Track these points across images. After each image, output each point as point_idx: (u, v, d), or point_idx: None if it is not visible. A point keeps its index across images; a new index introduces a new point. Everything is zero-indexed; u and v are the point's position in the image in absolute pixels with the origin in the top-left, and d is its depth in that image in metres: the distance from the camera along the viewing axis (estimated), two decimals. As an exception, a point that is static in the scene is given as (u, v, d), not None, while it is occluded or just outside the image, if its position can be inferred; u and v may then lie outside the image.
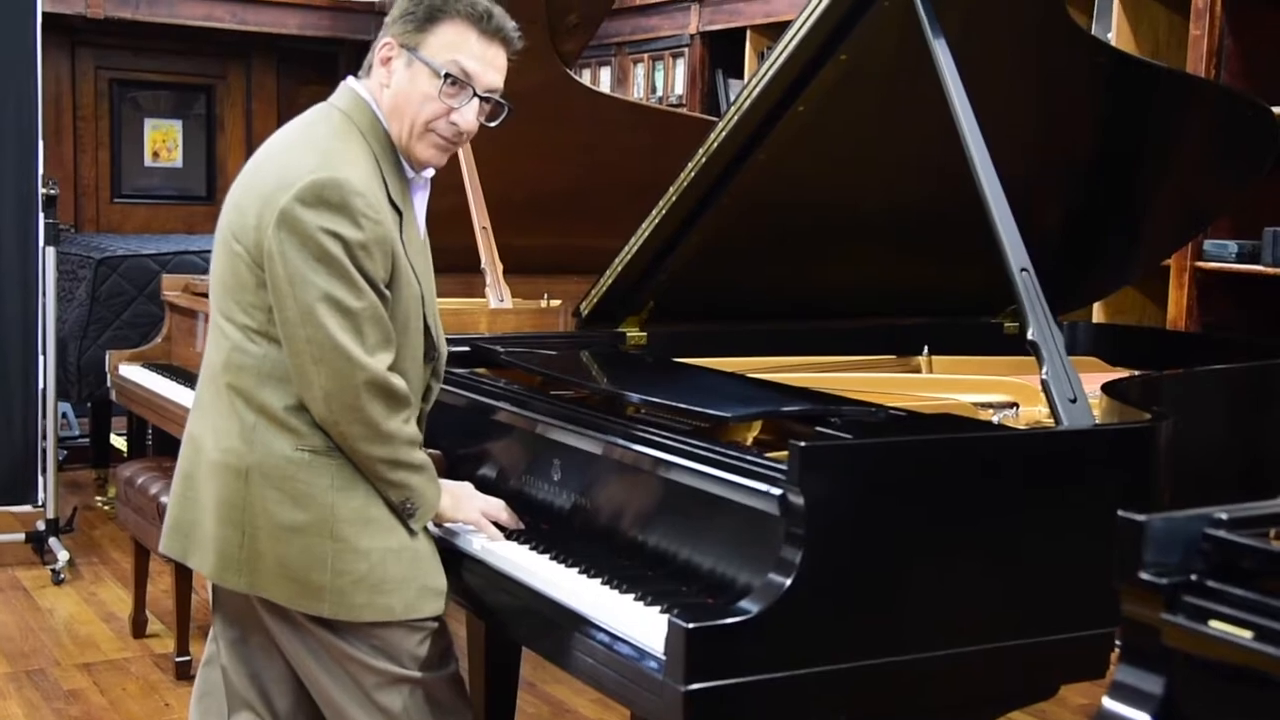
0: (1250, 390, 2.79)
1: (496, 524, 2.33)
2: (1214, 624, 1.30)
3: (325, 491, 2.16)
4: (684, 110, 6.09)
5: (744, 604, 1.81)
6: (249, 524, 2.17)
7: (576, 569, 2.14)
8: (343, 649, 2.19)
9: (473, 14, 2.19)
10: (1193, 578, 1.35)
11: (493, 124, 2.27)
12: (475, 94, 2.20)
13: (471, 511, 2.33)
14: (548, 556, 2.21)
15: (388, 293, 2.17)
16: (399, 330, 2.20)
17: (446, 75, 2.18)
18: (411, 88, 2.19)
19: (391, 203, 2.19)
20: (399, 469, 2.19)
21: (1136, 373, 2.93)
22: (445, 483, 2.32)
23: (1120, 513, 1.39)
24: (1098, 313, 4.24)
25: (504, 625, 2.39)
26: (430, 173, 2.31)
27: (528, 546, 2.26)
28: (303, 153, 2.16)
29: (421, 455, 2.24)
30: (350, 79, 2.28)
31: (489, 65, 2.22)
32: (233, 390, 2.19)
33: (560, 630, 2.06)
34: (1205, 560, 1.37)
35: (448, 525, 2.34)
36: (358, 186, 2.11)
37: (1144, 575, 1.36)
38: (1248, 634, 1.27)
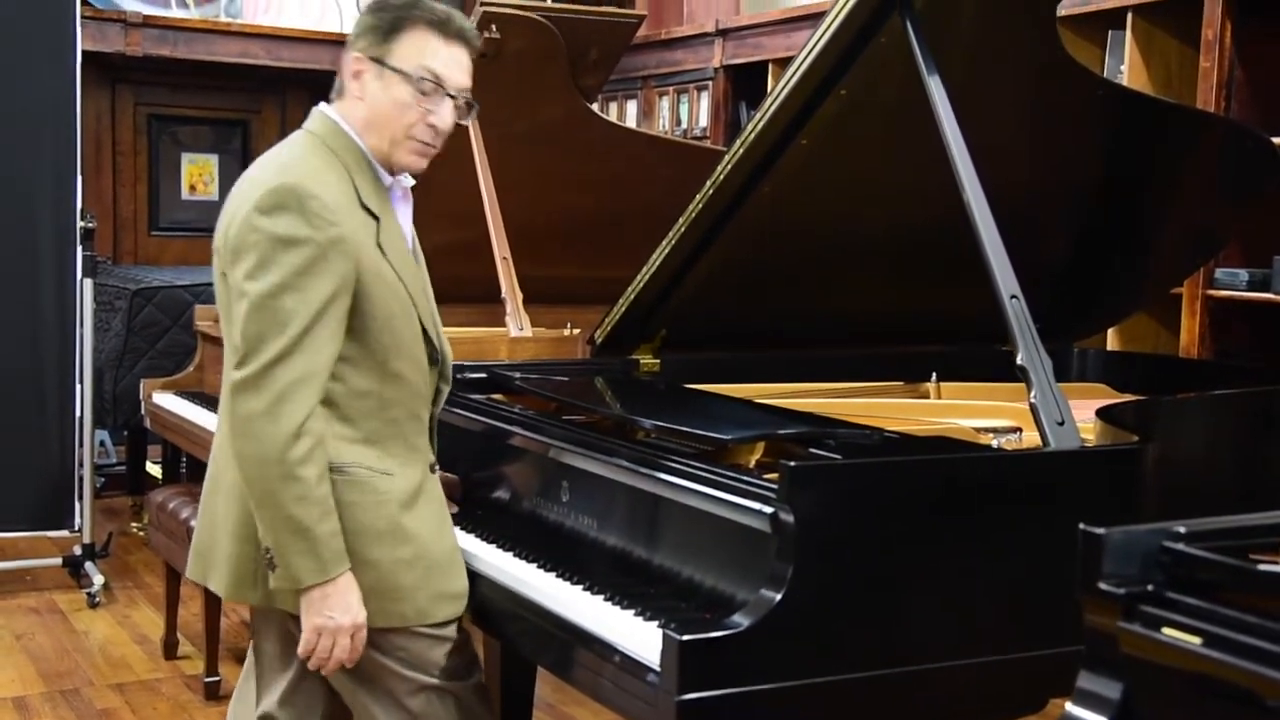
0: (1250, 416, 2.84)
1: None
2: (1166, 631, 1.36)
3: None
4: (708, 142, 6.19)
5: (736, 618, 1.88)
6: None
7: (581, 586, 2.22)
8: (372, 657, 2.25)
9: (434, 20, 2.28)
10: (1150, 588, 1.42)
11: (464, 122, 2.38)
12: (448, 94, 2.29)
13: (317, 620, 2.18)
14: (554, 574, 2.29)
15: (346, 297, 2.19)
16: (380, 328, 2.23)
17: (420, 80, 2.26)
18: (386, 97, 2.27)
19: (365, 209, 2.25)
20: (266, 515, 2.14)
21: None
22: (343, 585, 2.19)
23: (1081, 526, 1.47)
24: (1112, 340, 4.29)
25: (512, 640, 2.47)
26: (409, 182, 2.39)
27: (535, 565, 2.34)
28: (263, 171, 2.26)
29: (304, 516, 2.12)
30: (321, 105, 2.36)
31: (456, 66, 2.30)
32: None
33: (564, 644, 2.14)
34: (1164, 572, 1.44)
35: (461, 544, 2.41)
36: (312, 190, 2.18)
37: (1103, 585, 1.43)
38: (1197, 640, 1.33)
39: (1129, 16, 4.23)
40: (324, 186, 2.20)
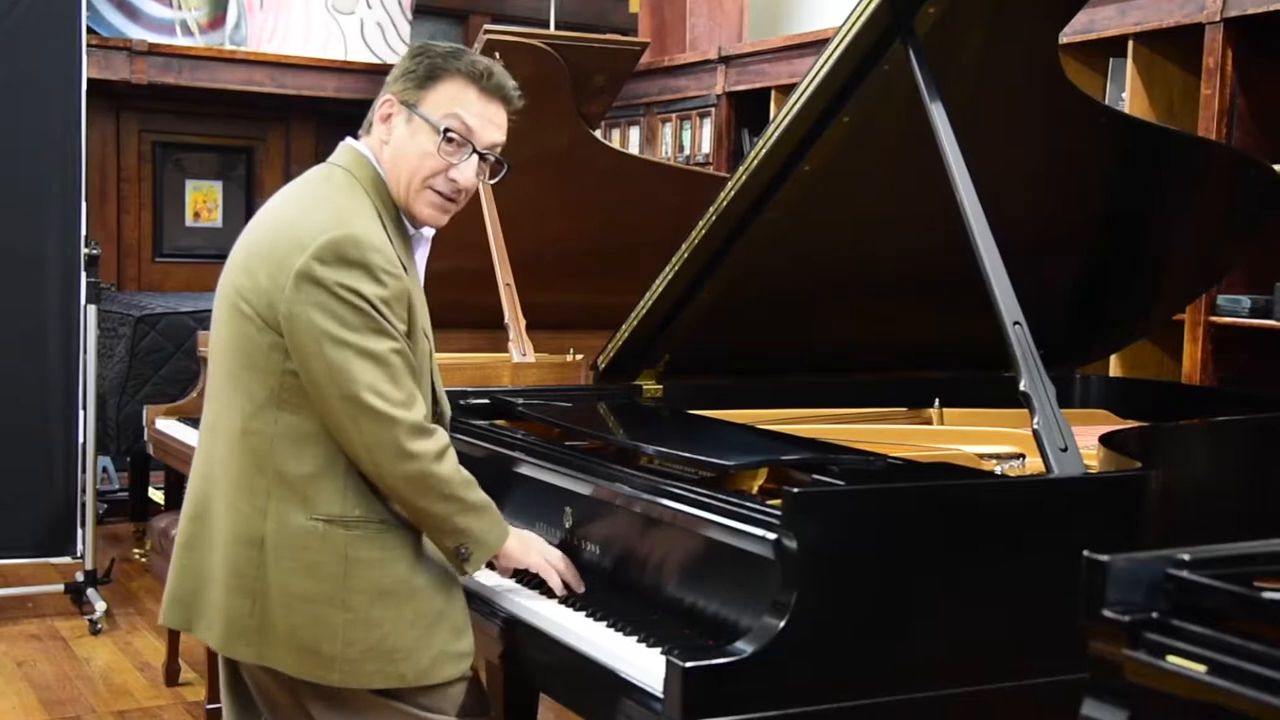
0: (1253, 442, 2.84)
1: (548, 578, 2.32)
2: (1171, 659, 1.36)
3: (338, 562, 2.13)
4: (710, 169, 6.20)
5: (739, 644, 1.88)
6: (260, 592, 2.14)
7: (584, 612, 2.21)
8: (387, 704, 2.16)
9: (473, 72, 2.23)
10: (1154, 615, 1.41)
11: (493, 181, 2.32)
12: (474, 150, 2.23)
13: (537, 557, 2.32)
14: (556, 600, 2.29)
15: (407, 347, 2.17)
16: (417, 383, 2.21)
17: (446, 131, 2.20)
18: (411, 144, 2.21)
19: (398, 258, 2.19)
20: (455, 515, 2.16)
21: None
22: (513, 529, 2.31)
23: (1085, 553, 1.46)
24: (1114, 367, 4.29)
25: (515, 666, 2.46)
26: (430, 231, 2.33)
27: (538, 590, 2.34)
28: (310, 211, 2.17)
29: (479, 495, 2.21)
30: (349, 139, 2.30)
31: (489, 122, 2.24)
32: (250, 457, 2.16)
33: (568, 671, 2.14)
34: (1169, 599, 1.43)
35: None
36: (374, 242, 2.11)
37: (1107, 613, 1.43)
38: (1202, 668, 1.33)
39: (1130, 44, 4.24)
40: (378, 236, 2.14)
